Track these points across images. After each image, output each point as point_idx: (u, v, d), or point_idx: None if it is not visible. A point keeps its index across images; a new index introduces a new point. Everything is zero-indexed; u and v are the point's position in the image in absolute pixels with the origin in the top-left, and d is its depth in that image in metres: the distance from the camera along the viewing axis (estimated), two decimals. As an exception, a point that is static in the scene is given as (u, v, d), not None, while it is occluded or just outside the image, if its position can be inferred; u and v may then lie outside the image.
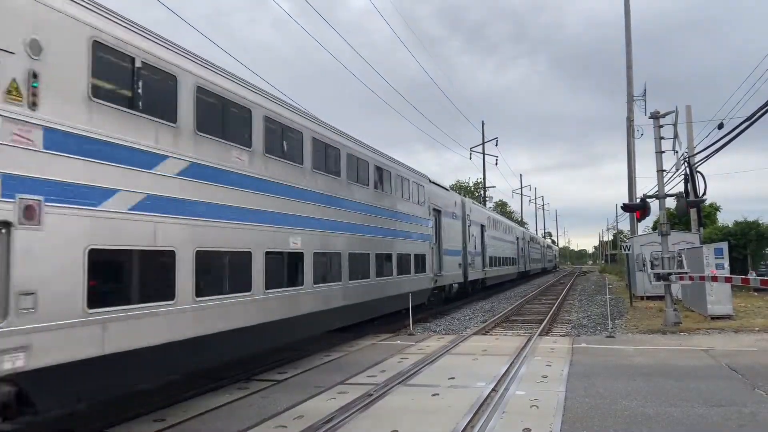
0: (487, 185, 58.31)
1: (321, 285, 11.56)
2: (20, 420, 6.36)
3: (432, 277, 19.50)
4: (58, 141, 5.90)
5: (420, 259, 18.29)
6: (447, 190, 23.79)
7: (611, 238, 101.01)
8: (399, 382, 9.19)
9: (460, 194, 31.17)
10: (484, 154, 52.51)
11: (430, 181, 20.23)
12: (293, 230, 10.52)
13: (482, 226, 29.88)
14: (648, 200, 17.32)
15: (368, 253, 14.19)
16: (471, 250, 26.15)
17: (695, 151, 22.69)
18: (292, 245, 10.47)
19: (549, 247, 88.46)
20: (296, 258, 10.66)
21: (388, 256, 15.62)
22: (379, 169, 15.35)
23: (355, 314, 13.49)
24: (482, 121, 54.34)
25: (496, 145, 55.33)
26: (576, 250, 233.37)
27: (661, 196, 16.79)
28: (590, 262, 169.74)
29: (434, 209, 20.43)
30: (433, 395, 8.32)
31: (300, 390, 8.84)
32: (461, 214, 24.96)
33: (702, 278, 15.24)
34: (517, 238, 43.81)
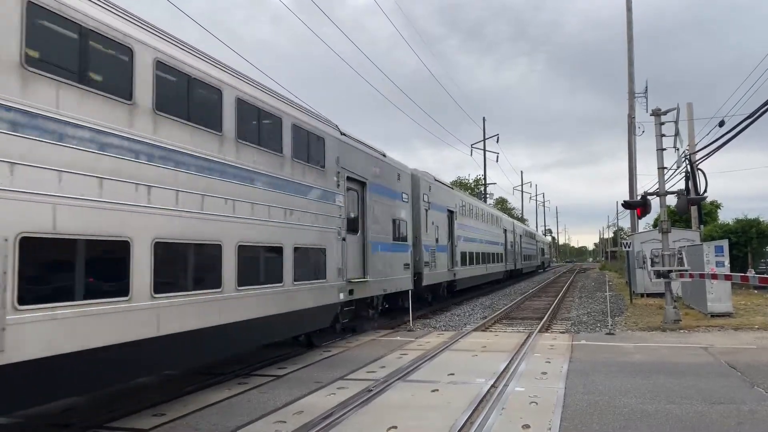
0: (487, 182, 58.33)
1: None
2: (19, 413, 6.37)
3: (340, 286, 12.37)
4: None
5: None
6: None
7: (611, 235, 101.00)
8: (398, 378, 9.20)
9: (461, 192, 30.58)
10: (485, 150, 52.51)
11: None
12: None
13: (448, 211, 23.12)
14: (649, 198, 17.31)
15: None
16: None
17: (696, 149, 22.67)
18: None
19: (530, 235, 58.56)
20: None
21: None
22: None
23: None
24: (483, 118, 54.30)
25: (497, 141, 55.05)
26: (576, 247, 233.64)
27: (661, 194, 16.77)
28: (590, 259, 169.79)
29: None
30: (433, 391, 8.33)
31: (299, 385, 8.86)
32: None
33: (702, 276, 15.24)
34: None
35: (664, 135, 16.66)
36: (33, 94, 5.73)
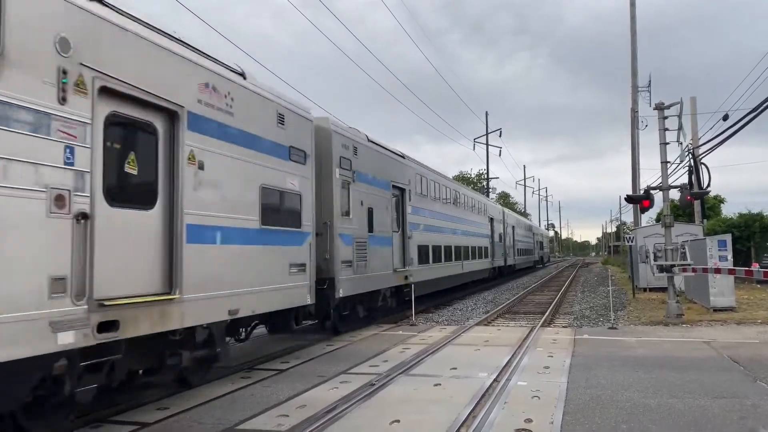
0: (490, 177, 58.30)
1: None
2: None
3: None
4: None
5: None
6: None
7: (614, 229, 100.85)
8: (401, 372, 9.22)
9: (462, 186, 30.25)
10: (487, 145, 52.45)
11: None
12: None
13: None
14: (652, 192, 17.28)
15: None
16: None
17: (700, 143, 22.61)
18: None
19: (526, 227, 51.66)
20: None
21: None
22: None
23: None
24: (486, 112, 54.21)
25: (500, 136, 54.93)
26: (579, 241, 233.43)
27: (664, 188, 16.74)
28: (593, 254, 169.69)
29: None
30: (435, 385, 8.35)
31: (302, 379, 8.88)
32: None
33: (705, 270, 15.22)
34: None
35: (667, 129, 16.61)
36: None
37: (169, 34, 7.55)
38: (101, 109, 6.29)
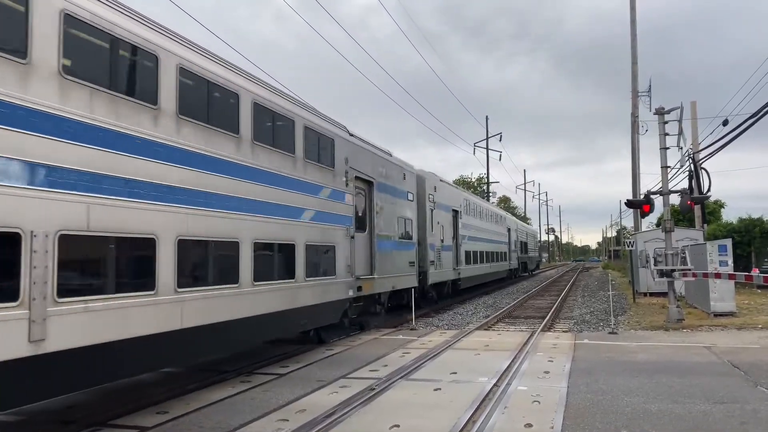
0: (490, 181, 58.34)
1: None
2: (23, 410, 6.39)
3: None
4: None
5: None
6: None
7: (615, 234, 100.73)
8: (401, 377, 9.21)
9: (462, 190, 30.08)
10: (488, 149, 52.51)
11: None
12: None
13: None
14: (652, 197, 17.29)
15: None
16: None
17: (700, 148, 22.63)
18: None
19: (496, 218, 35.49)
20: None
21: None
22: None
23: None
24: (486, 116, 54.26)
25: (500, 140, 54.97)
26: (579, 246, 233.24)
27: (665, 193, 16.74)
28: (595, 258, 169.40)
29: None
30: (435, 390, 8.33)
31: (302, 384, 8.87)
32: None
33: (705, 275, 15.20)
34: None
35: (667, 134, 16.63)
36: None
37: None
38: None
